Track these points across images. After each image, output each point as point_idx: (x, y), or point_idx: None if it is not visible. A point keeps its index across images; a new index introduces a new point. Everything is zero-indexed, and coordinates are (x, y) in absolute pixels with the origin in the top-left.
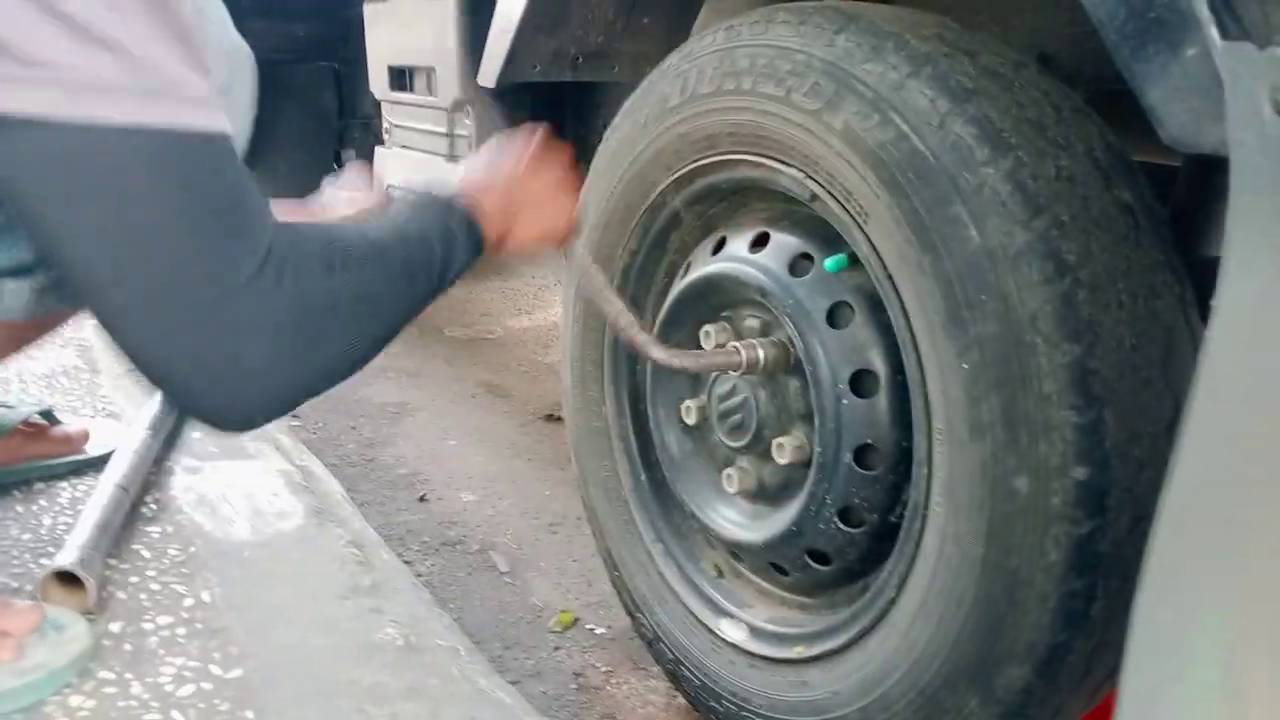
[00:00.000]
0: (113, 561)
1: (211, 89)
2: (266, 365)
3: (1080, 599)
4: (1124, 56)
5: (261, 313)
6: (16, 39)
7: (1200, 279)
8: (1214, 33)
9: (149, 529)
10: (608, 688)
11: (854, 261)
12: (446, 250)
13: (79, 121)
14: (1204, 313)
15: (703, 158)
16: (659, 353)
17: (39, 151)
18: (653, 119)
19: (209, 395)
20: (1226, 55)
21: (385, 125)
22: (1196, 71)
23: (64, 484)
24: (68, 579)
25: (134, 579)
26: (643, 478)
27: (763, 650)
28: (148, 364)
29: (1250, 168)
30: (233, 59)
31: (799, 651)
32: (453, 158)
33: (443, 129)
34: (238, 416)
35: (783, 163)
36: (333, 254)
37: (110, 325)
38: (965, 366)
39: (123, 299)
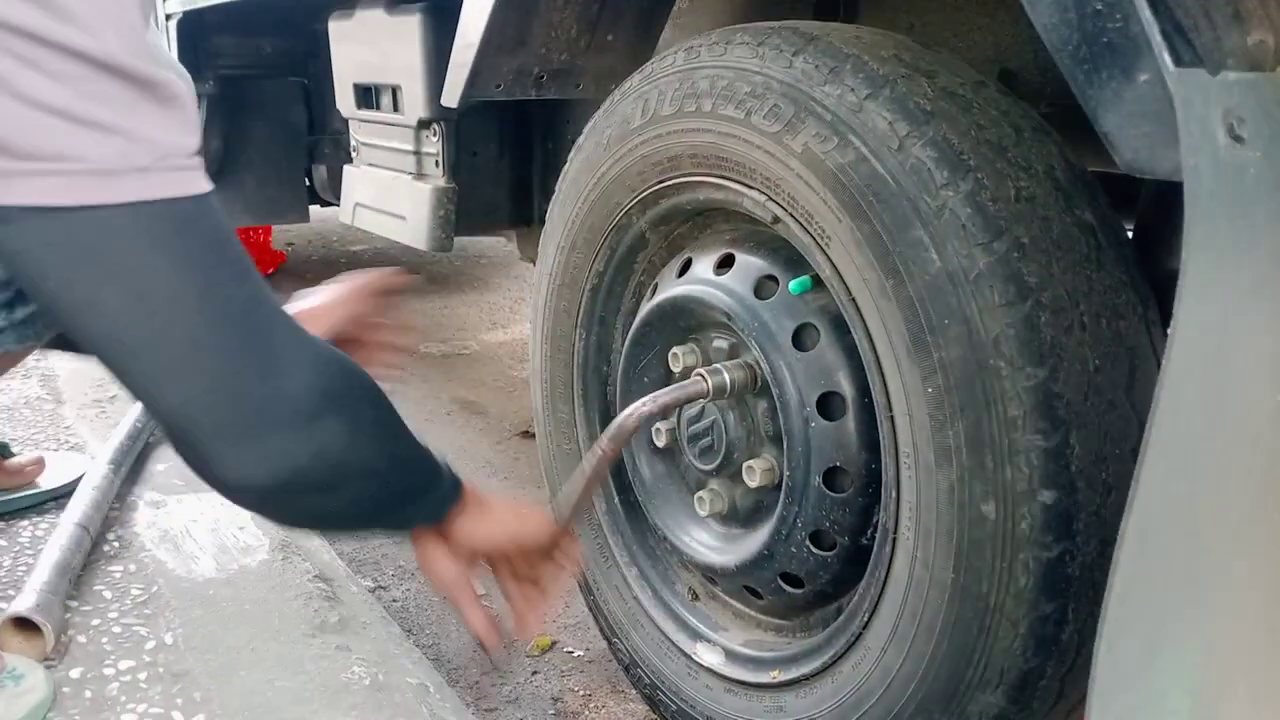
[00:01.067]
0: (73, 603)
1: (194, 142)
2: (285, 419)
3: (1051, 623)
4: (1078, 82)
5: (301, 360)
6: (5, 134)
7: (1167, 293)
8: (1166, 59)
9: (111, 568)
10: (586, 712)
11: (818, 283)
12: (424, 480)
13: (79, 206)
14: (1168, 331)
15: (666, 179)
16: (627, 420)
17: (45, 237)
18: (615, 140)
19: (226, 454)
20: (1179, 81)
21: (353, 143)
22: (1150, 97)
23: (25, 522)
24: (26, 625)
25: (95, 621)
26: (615, 501)
27: (739, 675)
28: (180, 422)
29: (1205, 193)
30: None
31: (775, 676)
32: (420, 175)
33: (410, 147)
34: (251, 474)
35: (745, 185)
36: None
37: (135, 391)
38: (930, 390)
39: (146, 368)
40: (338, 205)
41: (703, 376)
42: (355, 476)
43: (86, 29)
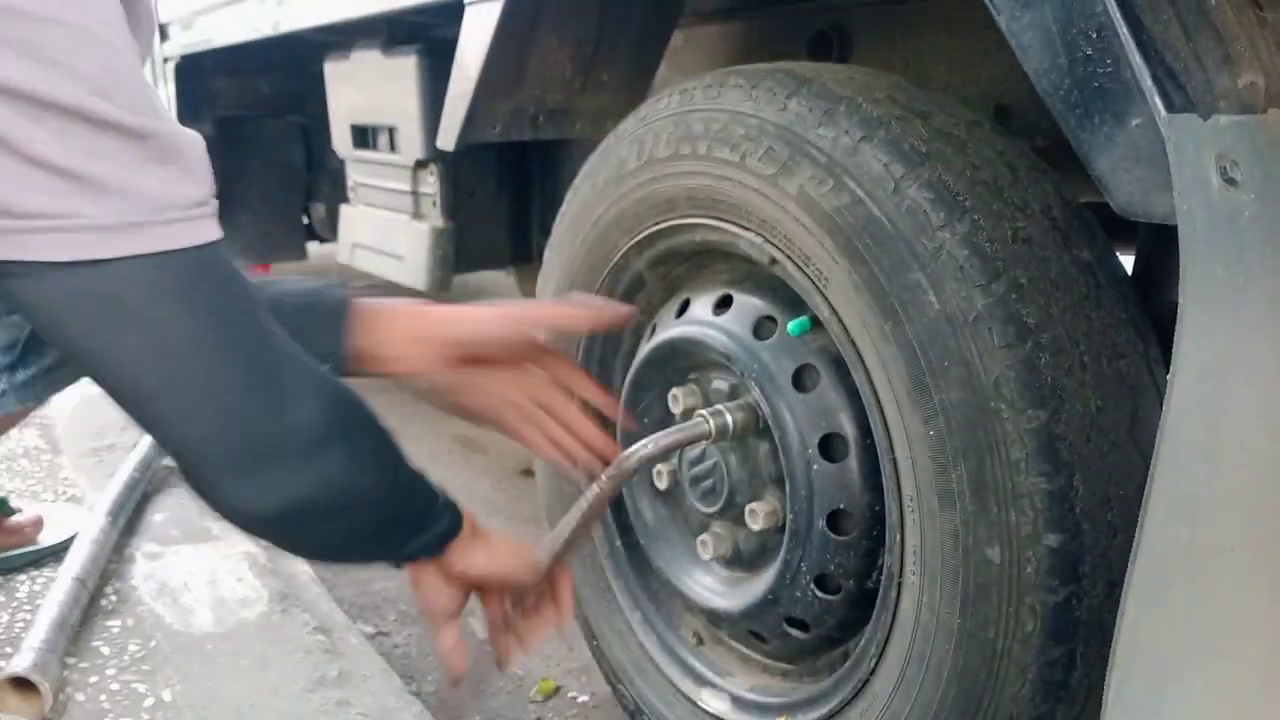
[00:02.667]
0: (71, 660)
1: (199, 192)
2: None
3: (1060, 668)
4: (1070, 126)
5: (305, 391)
6: (5, 193)
7: (1169, 327)
8: (1158, 103)
9: (109, 623)
10: None
11: (817, 324)
12: (429, 500)
13: (79, 260)
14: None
15: (662, 221)
16: (626, 461)
17: (58, 290)
18: (611, 182)
19: (238, 485)
20: (1171, 126)
21: (350, 183)
22: (1142, 142)
23: (22, 577)
24: (23, 684)
25: (93, 678)
26: (618, 544)
27: None
28: (190, 457)
29: (1200, 237)
30: None
31: None
32: (418, 215)
33: (407, 187)
34: (260, 504)
35: (741, 227)
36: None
37: (150, 430)
38: (931, 433)
39: (162, 409)
40: (335, 243)
41: (705, 418)
42: (358, 505)
43: (85, 86)
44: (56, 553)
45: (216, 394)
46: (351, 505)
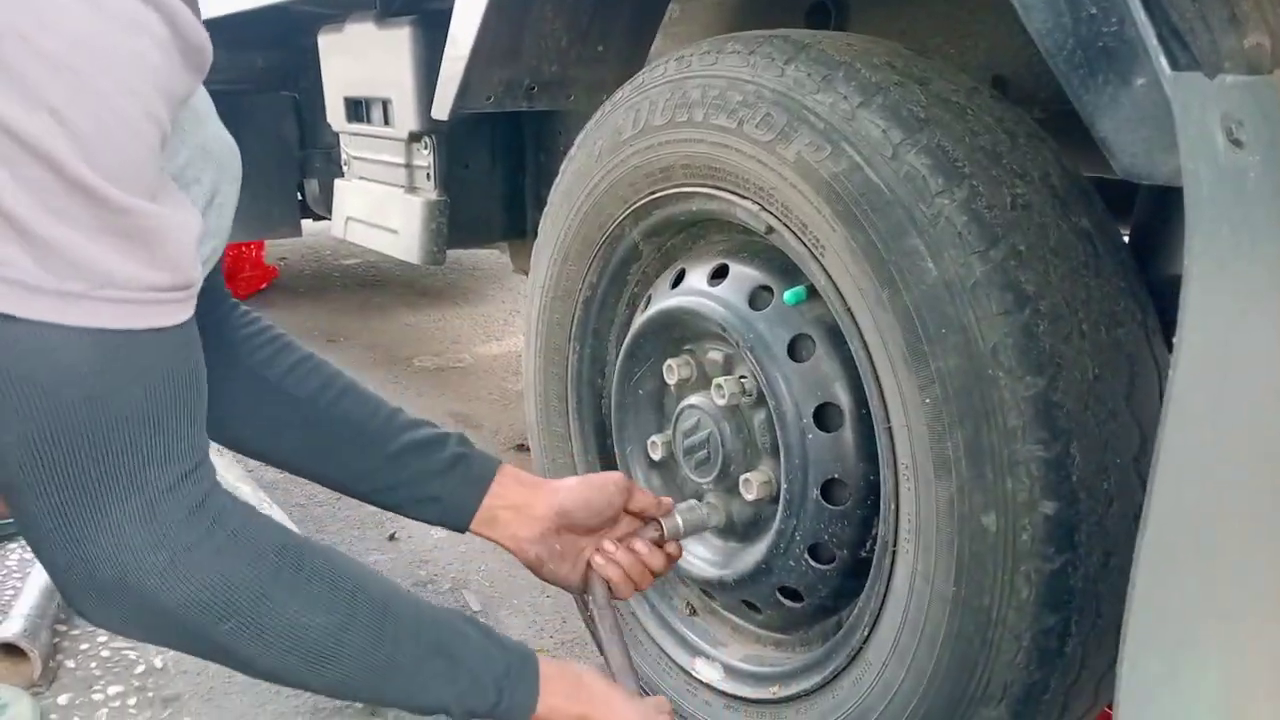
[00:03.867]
0: (61, 628)
1: (162, 278)
2: (122, 611)
3: (1054, 636)
4: (1074, 87)
5: (145, 565)
6: None
7: (1165, 297)
8: (1163, 62)
9: None
10: None
11: (813, 293)
12: (457, 699)
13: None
14: (1169, 337)
15: (658, 190)
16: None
17: None
18: (607, 151)
19: (67, 594)
20: (1176, 85)
21: (344, 157)
22: (1147, 102)
23: (13, 545)
24: (13, 651)
25: (84, 646)
26: None
27: (738, 690)
28: (32, 546)
29: (1205, 198)
30: (222, 161)
31: (774, 691)
32: (411, 189)
33: (401, 160)
34: (86, 618)
35: (738, 195)
36: (285, 569)
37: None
38: (928, 401)
39: (6, 480)
40: (329, 219)
41: (715, 508)
42: (275, 674)
43: (74, 145)
44: None
45: (43, 500)
46: (263, 671)
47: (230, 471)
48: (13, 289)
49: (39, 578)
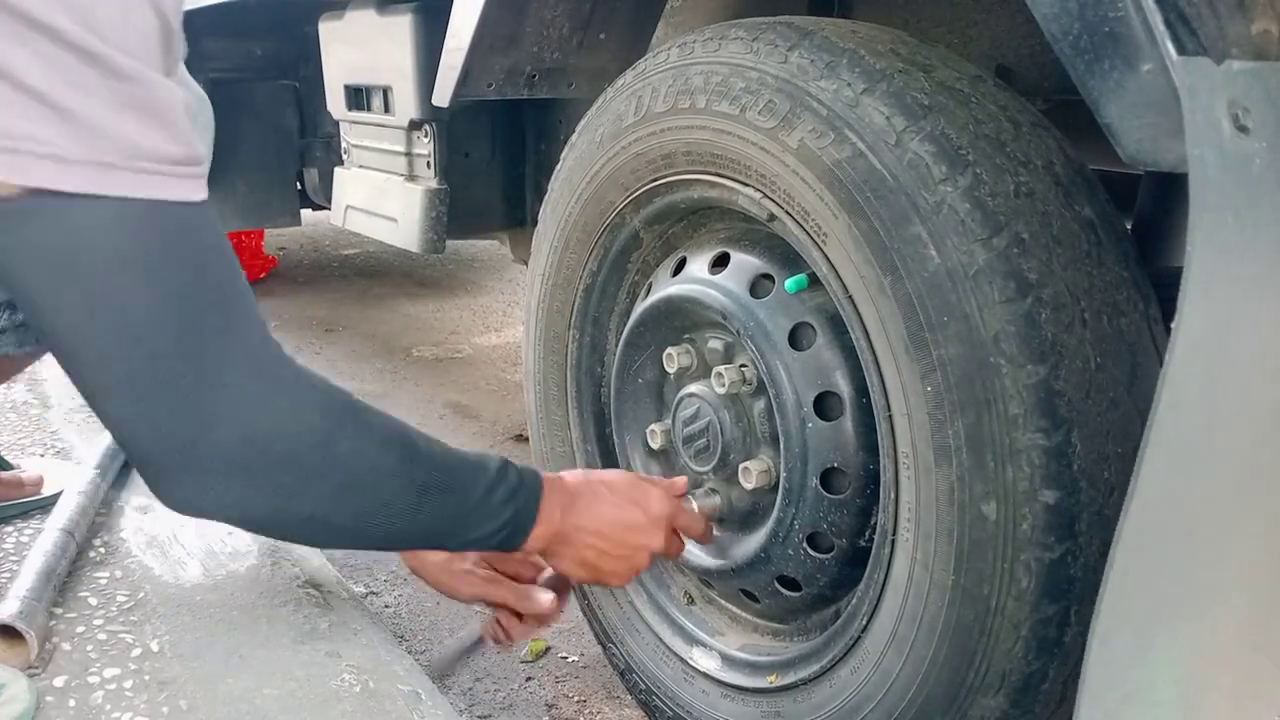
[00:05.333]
0: (58, 611)
1: (179, 150)
2: (249, 475)
3: (1054, 626)
4: (1079, 72)
5: (270, 409)
6: None
7: (1166, 289)
8: (1170, 48)
9: (97, 574)
10: (580, 719)
11: (814, 281)
12: (489, 497)
13: (34, 188)
14: (1170, 328)
15: (660, 177)
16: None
17: (6, 226)
18: (608, 137)
19: (180, 481)
20: (1183, 70)
21: (344, 145)
22: (1153, 87)
23: (9, 528)
24: (9, 633)
25: (80, 628)
26: None
27: (735, 679)
28: (140, 443)
29: (1210, 184)
30: (196, 107)
31: (772, 680)
32: (412, 177)
33: (401, 148)
34: (198, 503)
35: (740, 182)
36: (350, 412)
37: (85, 395)
38: (929, 389)
39: (85, 376)
40: (329, 209)
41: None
42: (332, 531)
43: (77, 16)
44: (44, 506)
45: (133, 379)
46: (322, 530)
47: None
48: (48, 163)
49: (35, 560)
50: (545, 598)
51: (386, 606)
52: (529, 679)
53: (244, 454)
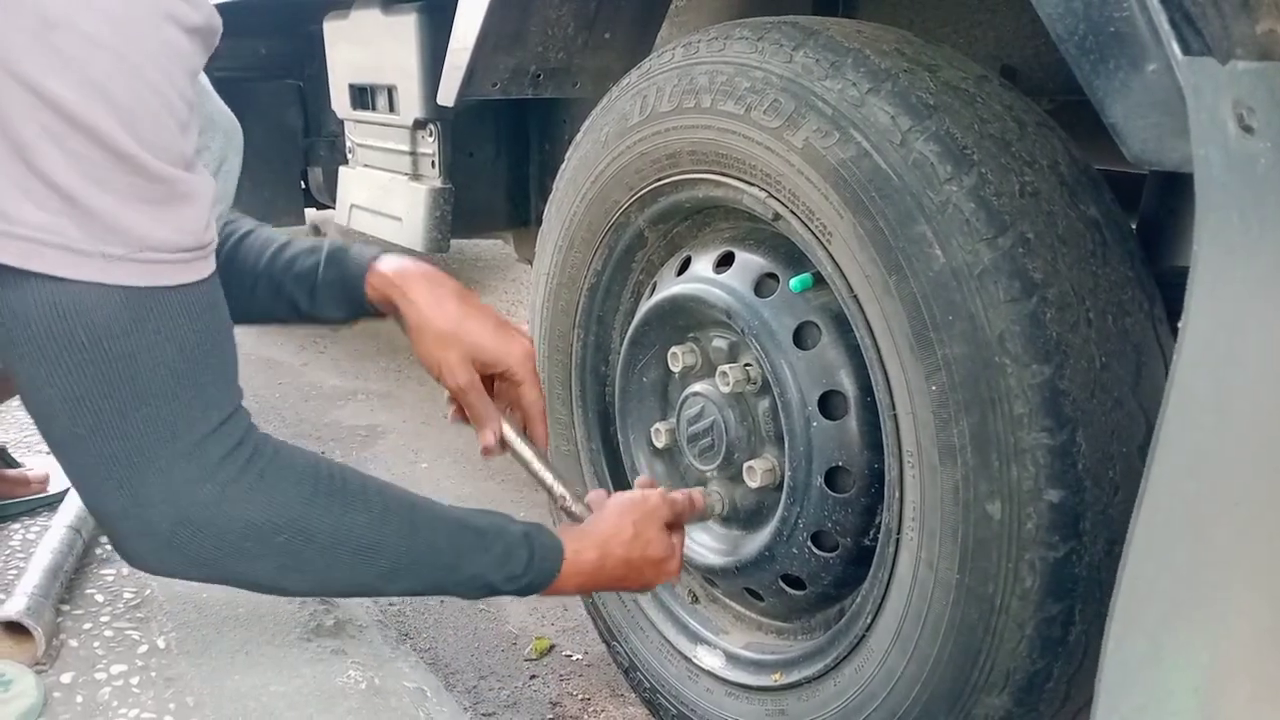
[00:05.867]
0: (65, 607)
1: (189, 240)
2: (182, 551)
3: (1058, 624)
4: (1085, 72)
5: (198, 499)
6: (1, 197)
7: (1170, 289)
8: (1175, 48)
9: (103, 571)
10: (585, 717)
11: (819, 281)
12: (495, 565)
13: (43, 275)
14: (1175, 327)
15: (664, 176)
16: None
17: (18, 302)
18: (613, 137)
19: (122, 543)
20: (1188, 70)
21: (348, 144)
22: (1158, 87)
23: (16, 525)
24: (16, 629)
25: (87, 625)
26: None
27: (739, 678)
28: (85, 498)
29: (1216, 184)
30: (228, 131)
31: (776, 679)
32: (416, 176)
33: (405, 147)
34: (141, 565)
35: (745, 181)
36: (321, 481)
37: (54, 450)
38: (934, 388)
39: (44, 430)
40: (333, 208)
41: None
42: (291, 591)
43: (117, 116)
44: (50, 503)
45: (80, 452)
46: (277, 590)
47: None
48: (61, 253)
49: (42, 557)
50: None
51: (390, 604)
52: (533, 677)
53: (178, 535)
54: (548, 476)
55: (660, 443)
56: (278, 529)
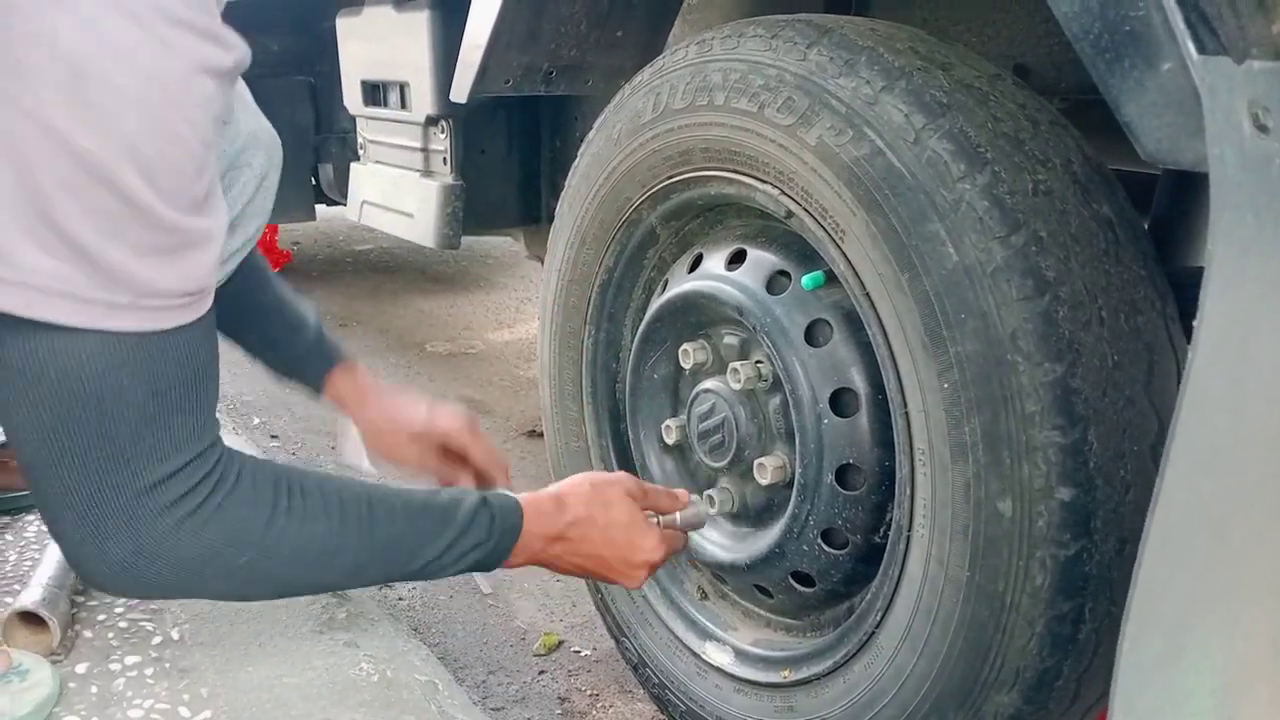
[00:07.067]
0: (79, 599)
1: (192, 286)
2: (139, 579)
3: (1068, 622)
4: (1099, 71)
5: (155, 532)
6: (8, 244)
7: (1181, 289)
8: (1190, 47)
9: None
10: (593, 712)
11: (831, 278)
12: (459, 538)
13: (42, 321)
14: (1186, 327)
15: (677, 174)
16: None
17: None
18: (626, 134)
19: (79, 566)
20: (1203, 70)
21: (360, 141)
22: (1173, 86)
23: (31, 517)
24: (32, 619)
25: (101, 616)
26: None
27: (748, 674)
28: (46, 521)
29: (1230, 183)
30: (270, 148)
31: (785, 675)
32: (428, 173)
33: (417, 144)
34: (99, 588)
35: (757, 179)
36: (280, 500)
37: (21, 469)
38: (946, 386)
39: (26, 458)
40: (344, 204)
41: (710, 499)
42: (264, 594)
43: (142, 172)
44: None
45: (44, 483)
46: (281, 586)
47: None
48: (66, 301)
49: (57, 548)
50: None
51: (400, 599)
52: (542, 673)
53: (135, 564)
54: None
55: (671, 439)
56: (239, 553)
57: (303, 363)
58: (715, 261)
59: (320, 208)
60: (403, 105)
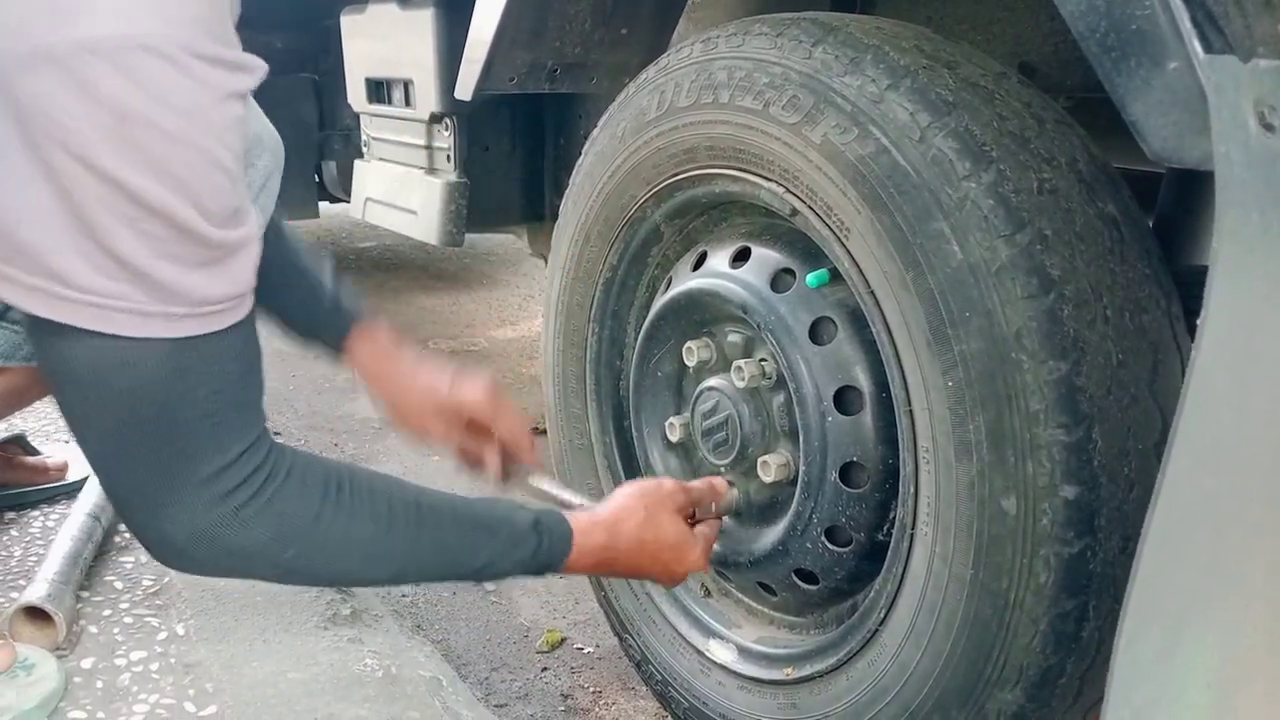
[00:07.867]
0: (85, 594)
1: (236, 290)
2: (197, 560)
3: (1072, 620)
4: (1106, 69)
5: (212, 519)
6: (69, 269)
7: (1186, 287)
8: (1197, 46)
9: (122, 559)
10: (596, 709)
11: (836, 276)
12: (504, 554)
13: (106, 333)
14: (1191, 325)
15: (681, 171)
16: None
17: (74, 351)
18: (630, 132)
19: (145, 546)
20: (1210, 68)
21: (364, 138)
22: (1179, 85)
23: (35, 513)
24: (37, 614)
25: (107, 611)
26: None
27: (751, 671)
28: (114, 505)
29: (1236, 182)
30: (274, 150)
31: (788, 673)
32: (432, 170)
33: (421, 141)
34: (162, 563)
35: (762, 177)
36: (330, 496)
37: (88, 460)
38: (950, 384)
39: (90, 454)
40: (347, 202)
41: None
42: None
43: (187, 199)
44: (69, 491)
45: (111, 471)
46: (327, 579)
47: None
48: (131, 316)
49: (63, 544)
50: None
51: (404, 596)
52: (545, 669)
53: (193, 546)
54: (561, 492)
55: (674, 437)
56: (286, 545)
57: (321, 327)
58: (719, 259)
59: (324, 205)
60: (407, 102)
